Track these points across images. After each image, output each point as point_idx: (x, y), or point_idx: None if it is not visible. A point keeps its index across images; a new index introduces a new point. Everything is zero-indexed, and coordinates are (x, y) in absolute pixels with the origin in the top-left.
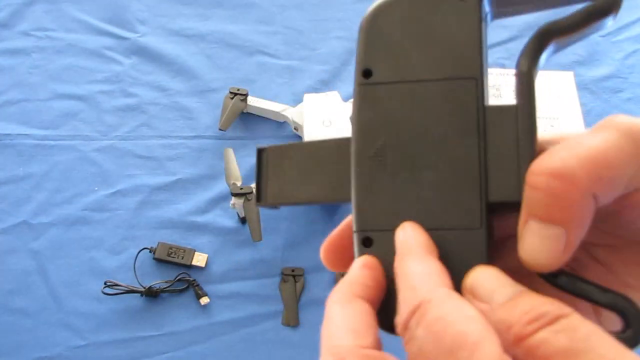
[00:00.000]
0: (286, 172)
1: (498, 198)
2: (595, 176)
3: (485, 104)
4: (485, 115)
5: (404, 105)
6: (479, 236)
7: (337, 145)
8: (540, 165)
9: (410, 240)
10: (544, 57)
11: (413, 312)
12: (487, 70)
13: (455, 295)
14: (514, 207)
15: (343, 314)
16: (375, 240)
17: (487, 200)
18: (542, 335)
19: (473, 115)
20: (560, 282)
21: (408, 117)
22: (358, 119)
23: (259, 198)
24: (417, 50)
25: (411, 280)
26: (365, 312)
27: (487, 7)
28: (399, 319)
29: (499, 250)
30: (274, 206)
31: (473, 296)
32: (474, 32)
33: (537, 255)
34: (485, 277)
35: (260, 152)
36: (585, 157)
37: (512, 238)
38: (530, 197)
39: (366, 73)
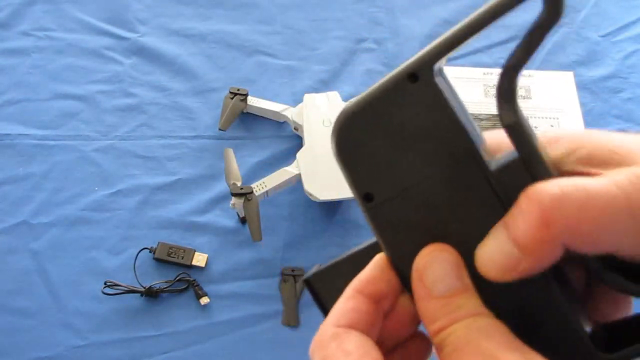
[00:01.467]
0: (341, 290)
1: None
2: (572, 233)
3: (490, 167)
4: (497, 180)
5: (419, 209)
6: (549, 289)
7: (373, 249)
8: (535, 194)
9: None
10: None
11: (313, 350)
12: (475, 125)
13: (341, 333)
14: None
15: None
16: None
17: None
18: (451, 329)
19: (486, 187)
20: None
21: (431, 218)
22: (384, 242)
23: None
24: (402, 153)
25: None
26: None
27: (438, 67)
28: None
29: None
30: None
31: (419, 279)
32: (442, 105)
33: (488, 262)
34: (433, 264)
35: (308, 283)
36: (577, 211)
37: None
38: (514, 213)
39: (367, 198)
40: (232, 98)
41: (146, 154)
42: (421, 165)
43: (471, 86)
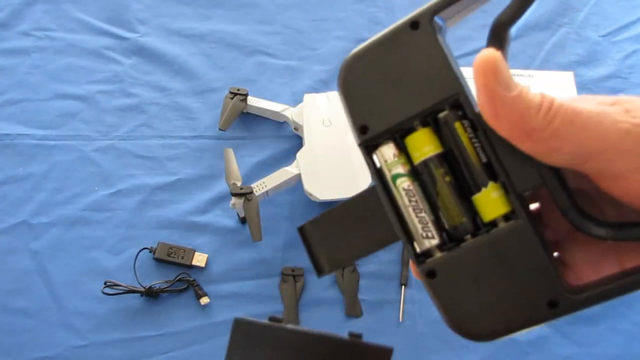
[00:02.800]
0: (330, 239)
1: (525, 188)
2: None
3: (476, 109)
4: (481, 120)
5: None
6: (525, 228)
7: (363, 199)
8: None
9: None
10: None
11: None
12: (464, 78)
13: None
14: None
15: None
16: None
17: (516, 193)
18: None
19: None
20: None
21: None
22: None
23: (318, 270)
24: (397, 91)
25: None
26: None
27: (440, 22)
28: None
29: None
30: (334, 271)
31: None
32: (439, 53)
33: (499, 78)
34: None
35: (301, 230)
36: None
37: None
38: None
39: (363, 130)
40: (232, 98)
41: (146, 154)
42: (413, 103)
43: (470, 86)
